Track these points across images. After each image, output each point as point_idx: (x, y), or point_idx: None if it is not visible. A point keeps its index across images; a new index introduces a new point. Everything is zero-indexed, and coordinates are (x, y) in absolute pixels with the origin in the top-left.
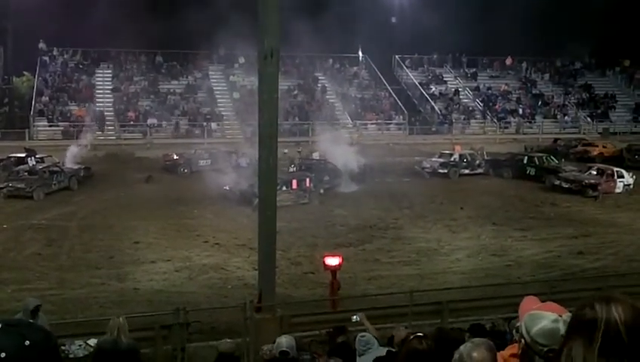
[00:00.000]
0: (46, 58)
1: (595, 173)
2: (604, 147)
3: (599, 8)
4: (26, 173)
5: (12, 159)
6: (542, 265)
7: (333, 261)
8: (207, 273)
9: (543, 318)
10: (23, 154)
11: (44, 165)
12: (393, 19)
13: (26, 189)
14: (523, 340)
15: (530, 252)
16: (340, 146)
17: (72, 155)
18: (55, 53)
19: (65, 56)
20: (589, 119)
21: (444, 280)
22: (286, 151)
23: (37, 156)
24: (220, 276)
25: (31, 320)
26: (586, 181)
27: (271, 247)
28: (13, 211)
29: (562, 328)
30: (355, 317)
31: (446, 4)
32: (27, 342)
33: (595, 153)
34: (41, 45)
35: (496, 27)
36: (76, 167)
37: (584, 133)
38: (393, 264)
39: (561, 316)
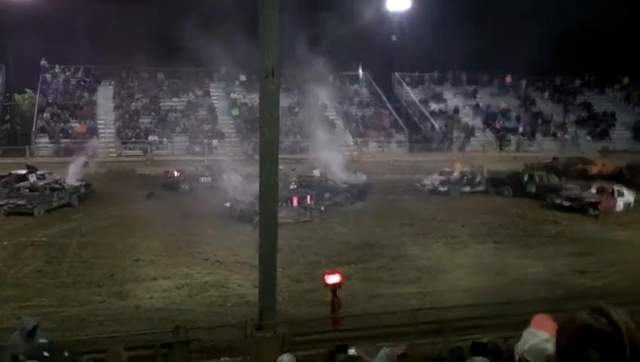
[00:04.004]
0: (48, 75)
1: (595, 191)
2: (603, 165)
3: (598, 26)
4: (26, 190)
5: (13, 176)
6: (544, 284)
7: (334, 279)
8: (208, 291)
9: (536, 337)
10: (24, 171)
11: (45, 182)
12: (393, 38)
13: (26, 206)
14: (517, 356)
15: (532, 270)
16: (340, 164)
17: (74, 172)
18: (57, 70)
19: (67, 74)
20: (588, 137)
21: (445, 298)
22: (281, 167)
23: (38, 173)
24: (220, 294)
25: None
26: (587, 199)
27: (272, 265)
28: (13, 228)
29: (550, 348)
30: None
31: (446, 22)
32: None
33: (595, 171)
34: (43, 63)
35: (496, 45)
36: (77, 183)
37: (584, 152)
38: (394, 282)
39: (553, 336)
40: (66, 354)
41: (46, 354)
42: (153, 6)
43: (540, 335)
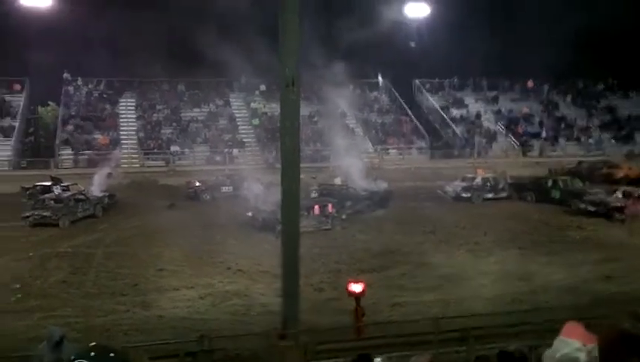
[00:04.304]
0: (70, 88)
1: (621, 195)
2: (629, 169)
3: (621, 29)
4: (51, 202)
5: (38, 188)
6: (569, 290)
7: (357, 287)
8: (231, 300)
9: (568, 345)
10: (49, 183)
11: (70, 193)
12: (412, 44)
13: (51, 217)
14: None
15: (557, 277)
16: (361, 171)
17: (98, 183)
18: (79, 82)
19: (89, 86)
20: (613, 141)
21: (469, 306)
22: (302, 176)
23: (62, 184)
24: (243, 303)
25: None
26: (612, 204)
27: (294, 274)
28: (39, 239)
29: (583, 357)
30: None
31: (465, 28)
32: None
33: (621, 175)
34: (66, 75)
35: (517, 50)
36: (101, 194)
37: (608, 156)
38: (417, 290)
39: (585, 345)
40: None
41: None
42: (174, 18)
43: (571, 343)
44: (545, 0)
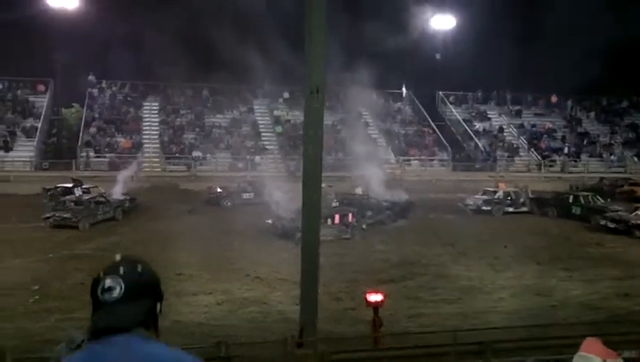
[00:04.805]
0: (95, 90)
1: None
2: None
3: None
4: (72, 204)
5: (59, 189)
6: (587, 306)
7: (375, 297)
8: (249, 306)
9: (587, 361)
10: (70, 185)
11: (91, 196)
12: (437, 56)
13: (72, 219)
14: None
15: (576, 293)
16: (382, 182)
17: (119, 186)
18: (104, 85)
19: (113, 89)
20: (635, 158)
21: (487, 319)
22: (323, 185)
23: (83, 187)
24: (261, 310)
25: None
26: (633, 221)
27: (313, 282)
28: (59, 241)
29: None
30: None
31: (490, 41)
32: (139, 268)
33: None
34: (91, 78)
35: (541, 64)
36: (122, 197)
37: (631, 173)
38: (435, 302)
39: (605, 360)
40: None
41: None
42: (199, 22)
43: (591, 358)
44: (571, 16)
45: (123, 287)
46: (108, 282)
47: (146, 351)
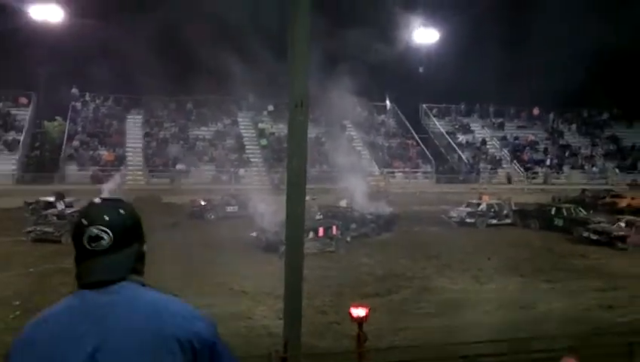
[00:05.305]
0: (78, 103)
1: (624, 225)
2: (632, 199)
3: (627, 59)
4: (54, 218)
5: (41, 203)
6: (570, 319)
7: (359, 312)
8: (233, 321)
9: None
10: (52, 198)
11: (73, 210)
12: (420, 69)
13: (54, 233)
14: None
15: (559, 305)
16: (366, 194)
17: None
18: (87, 98)
19: (97, 102)
20: (617, 170)
21: (471, 332)
22: (307, 198)
23: (66, 200)
24: (245, 324)
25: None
26: (615, 233)
27: (297, 296)
28: (40, 255)
29: None
30: None
31: (473, 54)
32: (122, 211)
33: (624, 205)
34: (74, 91)
35: (524, 77)
36: None
37: (612, 185)
38: (420, 315)
39: None
40: None
41: None
42: (183, 36)
43: None
44: (553, 29)
45: (111, 235)
46: (94, 231)
47: (148, 300)
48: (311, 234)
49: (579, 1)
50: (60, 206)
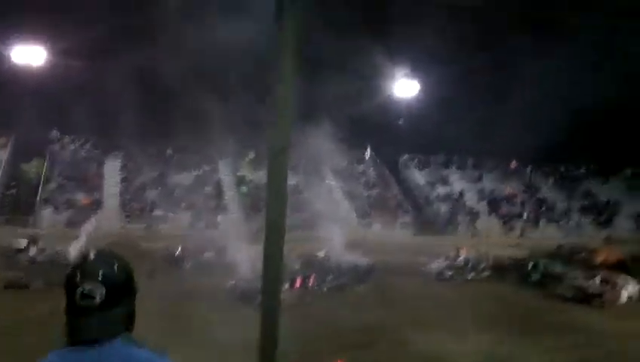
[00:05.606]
0: (56, 146)
1: (599, 281)
2: (607, 254)
3: (604, 114)
4: (26, 263)
5: (13, 248)
6: None
7: None
8: None
9: None
10: (25, 242)
11: (45, 254)
12: (400, 121)
13: (23, 279)
14: None
15: (534, 360)
16: (344, 244)
17: (75, 245)
18: (66, 141)
19: (75, 145)
20: (592, 225)
21: None
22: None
23: (39, 245)
24: None
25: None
26: (591, 290)
27: (271, 350)
28: (7, 302)
29: None
30: None
31: (452, 107)
32: (116, 267)
33: (600, 260)
34: (54, 133)
35: (502, 131)
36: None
37: (588, 239)
38: None
39: None
40: None
41: None
42: (164, 82)
43: None
44: (531, 86)
45: (104, 293)
46: (87, 287)
47: (126, 353)
48: (288, 285)
49: (559, 59)
50: (33, 251)
